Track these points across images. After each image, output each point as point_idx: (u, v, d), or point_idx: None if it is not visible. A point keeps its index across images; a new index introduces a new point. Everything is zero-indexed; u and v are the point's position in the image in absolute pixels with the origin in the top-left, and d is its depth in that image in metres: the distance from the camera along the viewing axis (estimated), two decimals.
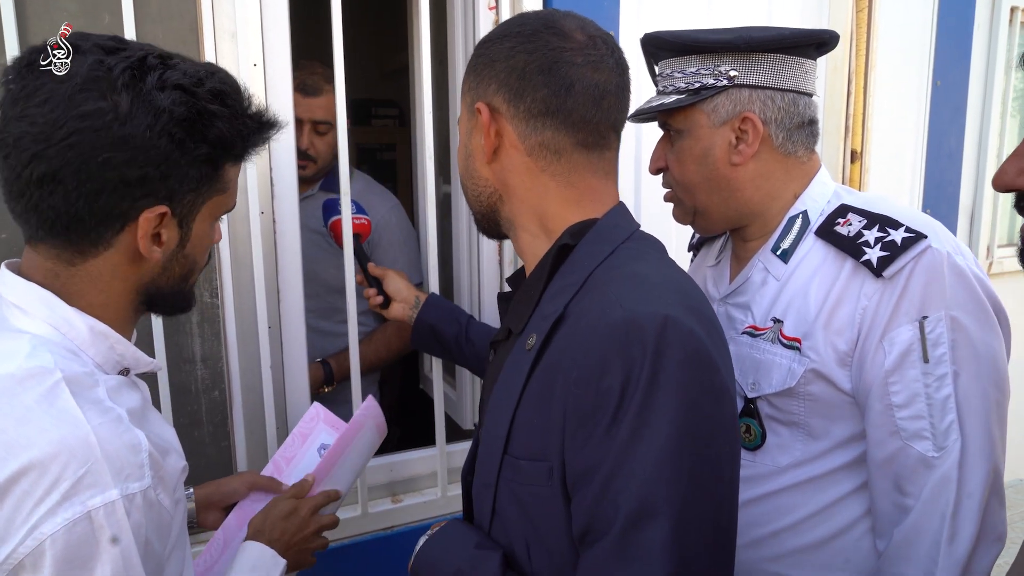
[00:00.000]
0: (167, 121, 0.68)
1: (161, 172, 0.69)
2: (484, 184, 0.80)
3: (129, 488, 0.65)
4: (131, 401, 0.73)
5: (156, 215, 0.70)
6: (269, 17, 1.27)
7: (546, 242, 0.78)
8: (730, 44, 0.96)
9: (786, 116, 0.98)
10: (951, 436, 0.85)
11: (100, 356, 0.73)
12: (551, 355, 0.70)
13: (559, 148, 0.75)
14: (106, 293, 0.73)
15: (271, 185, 1.30)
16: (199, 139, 0.71)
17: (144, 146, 0.67)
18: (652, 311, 0.64)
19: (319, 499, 1.03)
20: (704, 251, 1.21)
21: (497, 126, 0.76)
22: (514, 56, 0.75)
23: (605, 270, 0.72)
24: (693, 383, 0.64)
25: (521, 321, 0.77)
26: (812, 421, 0.94)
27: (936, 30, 2.02)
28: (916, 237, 0.88)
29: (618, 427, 0.62)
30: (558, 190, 0.77)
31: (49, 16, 1.13)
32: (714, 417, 0.65)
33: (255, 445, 1.33)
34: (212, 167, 0.74)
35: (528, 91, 0.74)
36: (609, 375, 0.63)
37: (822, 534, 0.94)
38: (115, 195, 0.68)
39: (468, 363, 1.37)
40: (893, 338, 0.87)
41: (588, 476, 0.64)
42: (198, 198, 0.74)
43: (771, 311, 0.97)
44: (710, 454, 0.64)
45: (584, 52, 0.74)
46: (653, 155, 1.05)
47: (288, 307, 1.35)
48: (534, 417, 0.70)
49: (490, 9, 1.49)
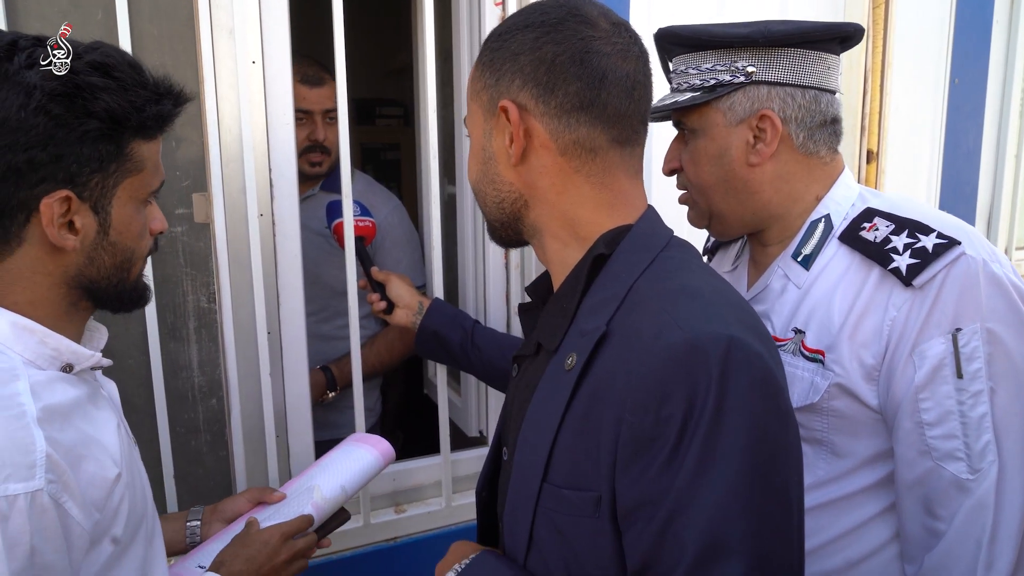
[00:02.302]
0: (40, 98, 0.65)
1: (49, 154, 0.67)
2: (508, 189, 0.74)
3: (7, 488, 0.61)
4: (60, 396, 0.70)
5: (58, 200, 0.68)
6: (268, 13, 1.22)
7: (577, 250, 0.73)
8: (748, 39, 0.92)
9: (807, 114, 0.93)
10: (987, 458, 0.80)
11: (29, 352, 0.71)
12: (597, 376, 0.65)
13: (594, 145, 0.70)
14: (31, 290, 0.71)
15: (270, 186, 1.26)
16: (82, 113, 0.68)
17: (22, 127, 0.65)
18: (714, 332, 0.60)
19: (292, 525, 0.99)
20: (720, 255, 1.17)
21: (526, 125, 0.70)
22: (541, 47, 0.69)
23: (649, 282, 0.67)
24: (760, 408, 0.59)
25: (555, 337, 0.72)
26: (836, 438, 0.89)
27: (954, 27, 1.97)
28: (949, 243, 0.83)
29: (682, 458, 0.58)
30: (592, 192, 0.71)
31: (40, 12, 1.09)
32: (780, 442, 0.61)
33: (254, 454, 1.29)
34: (113, 144, 0.71)
35: (559, 85, 0.68)
36: (670, 402, 0.58)
37: (847, 558, 0.90)
38: (7, 184, 0.66)
39: (475, 370, 1.33)
40: (924, 351, 0.82)
41: (646, 510, 0.60)
42: (107, 179, 0.71)
43: (792, 321, 0.93)
44: (779, 483, 0.60)
45: (611, 40, 0.69)
46: (667, 155, 1.01)
47: (288, 312, 1.31)
48: (578, 443, 0.65)
49: (496, 5, 1.45)
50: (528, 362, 0.78)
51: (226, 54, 1.20)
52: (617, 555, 0.63)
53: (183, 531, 1.06)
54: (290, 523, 0.99)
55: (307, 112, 1.63)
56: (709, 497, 0.57)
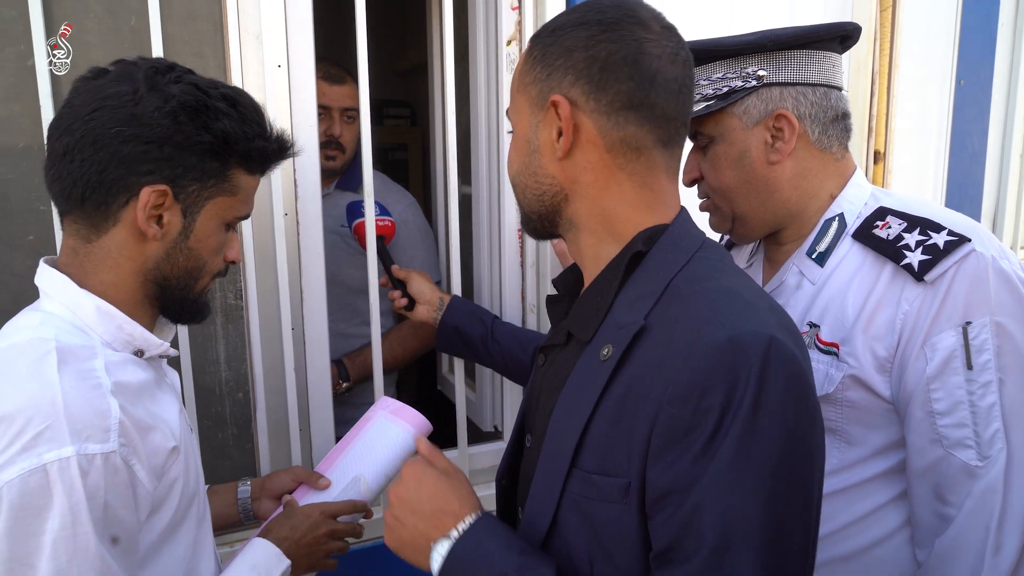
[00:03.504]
0: (175, 105, 0.76)
1: (164, 152, 0.77)
2: (549, 182, 0.75)
3: (87, 448, 0.69)
4: (130, 376, 0.78)
5: (157, 191, 0.77)
6: (293, 19, 1.26)
7: (612, 245, 0.75)
8: (755, 44, 0.95)
9: (820, 110, 0.96)
10: (996, 445, 0.83)
11: (108, 334, 0.79)
12: (634, 367, 0.67)
13: (640, 144, 0.72)
14: (115, 272, 0.80)
15: (295, 187, 1.30)
16: (201, 127, 0.78)
17: (151, 123, 0.76)
18: (756, 331, 0.62)
19: (336, 505, 1.05)
20: (735, 253, 1.20)
21: (575, 120, 0.72)
22: (596, 45, 0.70)
23: (687, 281, 0.69)
24: (792, 407, 0.62)
25: (589, 328, 0.74)
26: (850, 428, 0.92)
27: (960, 29, 2.00)
28: (959, 241, 0.86)
29: (716, 449, 0.61)
30: (633, 190, 0.73)
31: (77, 19, 1.13)
32: (807, 441, 0.64)
33: (278, 447, 1.33)
34: (217, 162, 0.80)
35: (611, 83, 0.70)
36: (710, 395, 0.61)
37: (860, 543, 0.93)
38: (122, 166, 0.76)
39: (494, 363, 1.36)
40: (935, 344, 0.85)
41: (676, 496, 0.62)
42: (203, 191, 0.81)
43: (807, 315, 0.96)
44: (802, 480, 0.63)
45: (662, 44, 0.71)
46: (686, 167, 1.03)
47: (311, 309, 1.34)
48: (612, 431, 0.67)
49: (513, 9, 1.48)
50: (557, 352, 0.80)
51: (253, 58, 1.24)
52: (640, 539, 0.66)
53: (235, 505, 1.12)
54: (335, 503, 1.06)
55: (326, 108, 1.67)
56: (736, 489, 0.60)
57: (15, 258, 1.14)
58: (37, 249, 1.15)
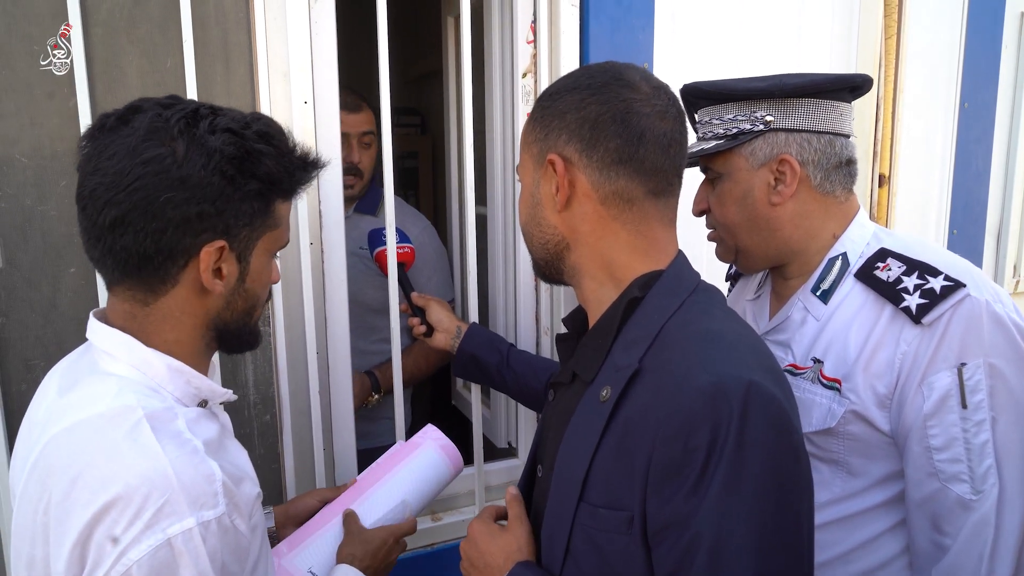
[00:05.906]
0: (219, 160, 0.74)
1: (217, 208, 0.75)
2: (552, 232, 0.82)
3: (204, 516, 0.70)
4: (208, 432, 0.79)
5: (216, 249, 0.77)
6: (319, 58, 1.32)
7: (612, 290, 0.81)
8: (765, 92, 1.00)
9: (823, 157, 1.01)
10: (989, 480, 0.88)
11: (179, 391, 0.79)
12: (630, 408, 0.73)
13: (632, 196, 0.78)
14: (178, 329, 0.79)
15: (320, 216, 1.36)
16: (249, 175, 0.77)
17: (200, 184, 0.74)
18: (736, 375, 0.68)
19: (402, 528, 1.13)
20: (742, 283, 1.25)
21: (570, 176, 0.78)
22: (585, 107, 0.77)
23: (677, 326, 0.75)
24: (774, 444, 0.68)
25: (591, 370, 0.80)
26: (851, 459, 0.97)
27: (964, 53, 2.03)
28: (955, 286, 0.91)
29: (707, 485, 0.66)
30: (628, 238, 0.79)
31: (116, 62, 1.19)
32: (792, 474, 0.69)
33: (303, 467, 1.39)
34: (264, 202, 0.80)
35: (601, 141, 0.76)
36: (697, 435, 0.66)
37: (862, 568, 0.98)
38: (178, 232, 0.74)
39: (509, 390, 1.41)
40: (932, 383, 0.90)
41: (674, 530, 0.68)
42: (253, 232, 0.80)
43: (811, 351, 1.01)
44: (790, 508, 0.68)
45: (651, 102, 0.77)
46: (696, 198, 1.09)
47: (334, 333, 1.40)
48: (614, 467, 0.73)
49: (528, 43, 1.53)
50: (564, 389, 0.87)
51: (281, 95, 1.30)
52: (647, 567, 0.71)
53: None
54: (401, 527, 1.12)
55: (344, 135, 1.73)
56: (729, 519, 0.66)
57: (58, 292, 1.20)
58: (78, 282, 1.21)
